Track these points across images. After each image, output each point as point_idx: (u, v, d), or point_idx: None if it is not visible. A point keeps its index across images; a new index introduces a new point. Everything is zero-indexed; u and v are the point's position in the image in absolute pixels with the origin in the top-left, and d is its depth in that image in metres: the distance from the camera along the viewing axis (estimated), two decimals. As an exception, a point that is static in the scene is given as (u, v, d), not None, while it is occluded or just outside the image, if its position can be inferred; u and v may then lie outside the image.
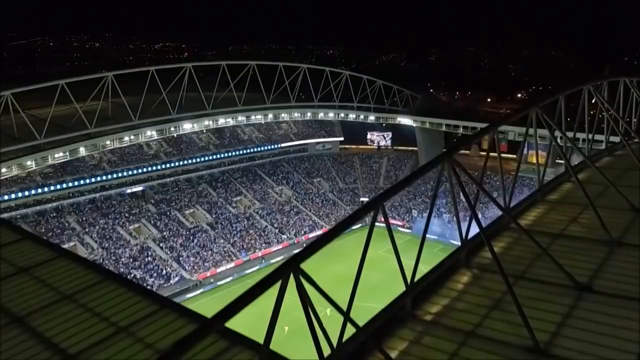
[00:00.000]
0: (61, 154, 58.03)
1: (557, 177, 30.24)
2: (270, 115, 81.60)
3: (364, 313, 63.75)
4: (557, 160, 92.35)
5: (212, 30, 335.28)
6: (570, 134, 26.18)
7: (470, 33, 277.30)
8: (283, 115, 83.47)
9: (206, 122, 71.98)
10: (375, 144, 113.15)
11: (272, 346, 13.15)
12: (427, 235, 66.42)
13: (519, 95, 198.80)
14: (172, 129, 67.67)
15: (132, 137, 63.53)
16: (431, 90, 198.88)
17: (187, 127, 70.19)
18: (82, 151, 58.90)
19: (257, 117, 79.58)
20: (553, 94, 27.84)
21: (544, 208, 24.35)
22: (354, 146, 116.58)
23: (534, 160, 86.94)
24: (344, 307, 13.43)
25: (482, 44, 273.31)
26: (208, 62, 73.06)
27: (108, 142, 60.72)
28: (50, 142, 56.15)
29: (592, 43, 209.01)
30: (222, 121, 74.31)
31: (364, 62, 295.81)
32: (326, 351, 12.72)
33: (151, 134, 65.76)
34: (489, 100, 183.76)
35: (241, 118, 77.31)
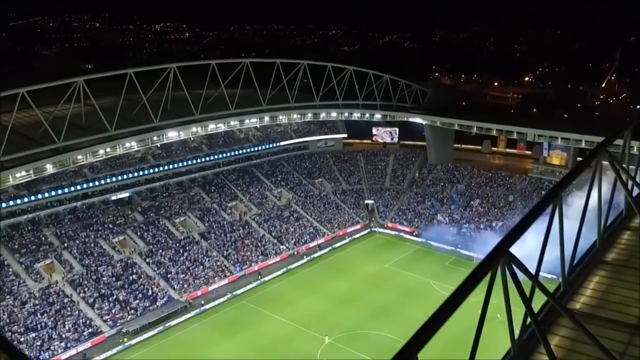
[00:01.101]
0: (24, 173, 51.14)
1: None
2: (267, 119, 74.54)
3: (371, 342, 53.72)
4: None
5: (213, 9, 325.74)
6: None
7: (475, 11, 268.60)
8: (281, 117, 76.34)
9: (194, 129, 65.04)
10: (380, 140, 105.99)
11: None
12: (439, 245, 58.64)
13: (526, 79, 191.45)
14: (155, 138, 60.83)
15: (108, 149, 56.68)
16: (436, 74, 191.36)
17: (173, 135, 63.31)
18: (49, 168, 52.12)
19: (252, 121, 72.56)
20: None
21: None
22: (357, 141, 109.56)
23: (554, 162, 79.61)
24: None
25: (488, 24, 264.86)
26: (195, 61, 64.96)
27: (80, 157, 54.00)
28: (10, 159, 49.00)
29: (598, 23, 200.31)
30: (212, 127, 67.39)
31: (367, 42, 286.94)
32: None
33: (130, 145, 58.89)
34: (495, 84, 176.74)
35: (234, 122, 70.32)
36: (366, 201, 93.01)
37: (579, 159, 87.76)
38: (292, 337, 55.29)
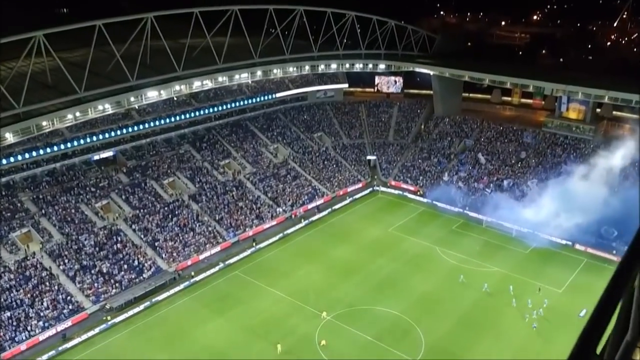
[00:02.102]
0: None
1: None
2: (259, 73, 67.58)
3: (373, 319, 45.10)
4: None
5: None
6: None
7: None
8: (275, 71, 69.41)
9: (177, 87, 58.47)
10: (384, 90, 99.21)
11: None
12: (445, 207, 51.63)
13: (535, 17, 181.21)
14: (132, 99, 54.44)
15: (78, 113, 50.50)
16: (441, 13, 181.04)
17: (153, 94, 56.79)
18: (10, 138, 46.15)
19: (243, 76, 65.75)
20: None
21: None
22: (359, 89, 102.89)
23: (571, 116, 73.43)
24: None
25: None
26: (176, 10, 57.35)
27: (45, 123, 47.95)
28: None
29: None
30: (197, 84, 60.76)
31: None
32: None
33: (104, 107, 52.66)
34: (502, 23, 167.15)
35: (222, 79, 63.51)
36: (368, 157, 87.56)
37: (598, 110, 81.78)
38: (288, 315, 51.28)
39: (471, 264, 59.83)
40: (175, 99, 66.37)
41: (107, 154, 69.76)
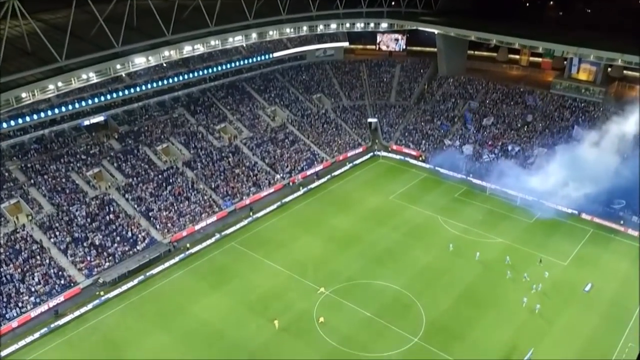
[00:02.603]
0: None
1: None
2: (254, 35, 63.77)
3: (373, 294, 44.89)
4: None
5: None
6: None
7: None
8: (271, 32, 65.60)
9: (166, 53, 55.02)
10: (386, 48, 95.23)
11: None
12: (448, 173, 49.07)
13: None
14: (119, 66, 51.19)
15: (59, 83, 47.46)
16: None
17: (140, 61, 53.45)
18: (-13, 111, 43.54)
19: (237, 39, 62.06)
20: None
21: None
22: (360, 46, 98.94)
23: (581, 77, 70.55)
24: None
25: None
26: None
27: (24, 95, 44.95)
28: None
29: None
30: (188, 49, 57.25)
31: None
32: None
33: (88, 76, 49.51)
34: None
35: (214, 42, 59.92)
36: (369, 120, 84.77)
37: (609, 69, 78.44)
38: (286, 289, 50.00)
39: (473, 234, 58.24)
40: (164, 65, 62.79)
41: (98, 119, 67.10)
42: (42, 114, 59.42)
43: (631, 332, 44.73)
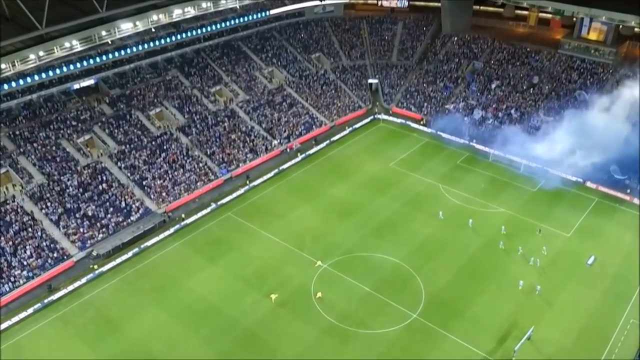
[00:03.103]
0: None
1: None
2: (248, -5, 60.60)
3: (371, 268, 44.40)
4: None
5: None
6: None
7: None
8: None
9: (154, 17, 51.89)
10: (387, 4, 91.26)
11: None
12: (450, 138, 46.81)
13: None
14: (104, 32, 48.27)
15: (41, 53, 44.82)
16: None
17: (127, 27, 50.38)
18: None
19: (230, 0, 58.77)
20: None
21: None
22: (361, 1, 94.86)
23: (590, 37, 67.50)
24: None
25: None
26: None
27: (4, 66, 42.40)
28: None
29: None
30: (177, 12, 54.00)
31: None
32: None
33: (71, 44, 46.70)
34: None
35: (206, 4, 56.61)
36: (369, 80, 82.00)
37: (620, 26, 74.99)
38: (283, 262, 49.08)
39: (475, 204, 56.93)
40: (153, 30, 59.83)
41: (88, 82, 64.64)
42: (29, 79, 56.84)
43: (633, 308, 44.06)
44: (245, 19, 77.19)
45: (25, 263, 47.62)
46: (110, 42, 54.15)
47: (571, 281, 46.79)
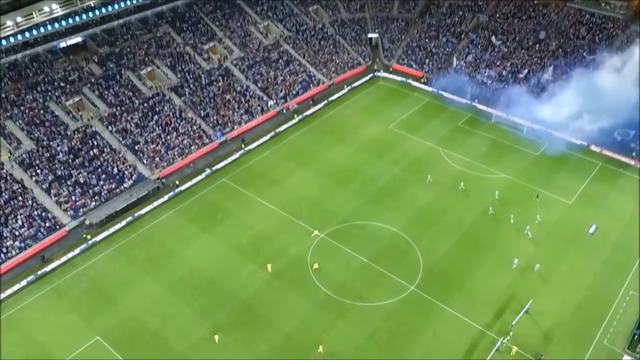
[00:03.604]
0: None
1: None
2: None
3: (369, 237, 48.73)
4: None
5: None
6: None
7: None
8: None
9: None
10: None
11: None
12: (452, 98, 49.98)
13: None
14: (85, -7, 45.36)
15: (19, 19, 42.12)
16: None
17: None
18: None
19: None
20: None
21: None
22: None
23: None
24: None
25: None
26: None
27: None
28: None
29: None
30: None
31: None
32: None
33: (52, 9, 43.83)
34: None
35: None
36: (369, 35, 78.84)
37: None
38: (279, 231, 48.24)
39: (476, 169, 55.64)
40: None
41: (75, 39, 61.84)
42: (12, 39, 54.16)
43: (633, 278, 43.59)
44: (239, -31, 73.30)
45: (17, 233, 46.80)
46: (92, 5, 51.07)
47: (571, 251, 46.14)
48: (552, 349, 38.39)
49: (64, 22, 58.17)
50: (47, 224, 48.22)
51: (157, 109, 60.04)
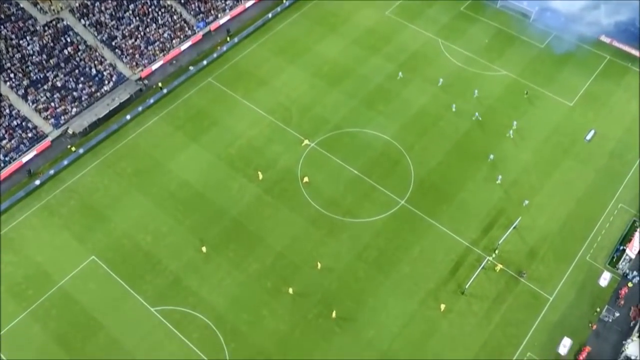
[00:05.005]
0: None
1: None
2: None
3: (361, 146, 47.62)
4: None
5: None
6: None
7: None
8: None
9: None
10: None
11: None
12: None
13: None
14: None
15: None
16: None
17: None
18: None
19: None
20: None
21: None
22: None
23: None
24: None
25: None
26: None
27: None
28: None
29: None
30: None
31: None
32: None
33: None
34: None
35: None
36: None
37: None
38: (268, 140, 46.89)
39: (476, 66, 52.62)
40: None
41: None
42: None
43: (625, 189, 43.56)
44: None
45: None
46: None
47: (566, 160, 45.49)
48: (536, 265, 39.60)
49: None
50: (29, 135, 46.68)
51: (132, -3, 54.83)
